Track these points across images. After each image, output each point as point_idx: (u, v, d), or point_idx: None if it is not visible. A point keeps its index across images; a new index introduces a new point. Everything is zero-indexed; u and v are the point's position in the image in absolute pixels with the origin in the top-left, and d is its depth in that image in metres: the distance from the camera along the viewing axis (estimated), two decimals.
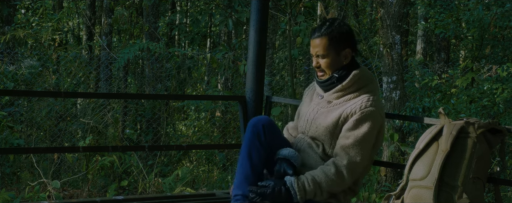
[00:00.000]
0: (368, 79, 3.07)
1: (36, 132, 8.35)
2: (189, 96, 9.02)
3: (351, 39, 3.07)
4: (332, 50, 3.03)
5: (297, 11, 9.36)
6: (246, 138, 3.03)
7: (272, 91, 9.51)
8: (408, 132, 6.97)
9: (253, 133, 3.01)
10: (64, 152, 7.36)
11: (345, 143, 2.96)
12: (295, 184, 2.92)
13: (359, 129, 2.95)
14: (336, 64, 3.05)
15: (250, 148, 3.00)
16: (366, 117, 2.95)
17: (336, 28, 3.03)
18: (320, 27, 3.06)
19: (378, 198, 5.83)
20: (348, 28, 3.07)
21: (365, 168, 3.06)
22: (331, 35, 3.02)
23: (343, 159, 2.95)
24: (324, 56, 3.04)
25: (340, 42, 3.03)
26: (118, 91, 9.80)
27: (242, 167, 3.00)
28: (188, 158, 8.89)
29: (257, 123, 3.03)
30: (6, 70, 8.46)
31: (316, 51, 3.05)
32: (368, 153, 2.98)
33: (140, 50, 8.95)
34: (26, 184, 6.91)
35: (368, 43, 11.02)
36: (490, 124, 2.91)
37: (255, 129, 3.01)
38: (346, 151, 2.95)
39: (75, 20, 14.08)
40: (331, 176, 2.93)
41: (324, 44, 3.02)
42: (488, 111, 6.41)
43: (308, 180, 2.94)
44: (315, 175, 2.95)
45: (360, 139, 2.94)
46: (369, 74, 3.09)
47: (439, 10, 7.63)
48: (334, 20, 3.09)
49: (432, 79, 7.28)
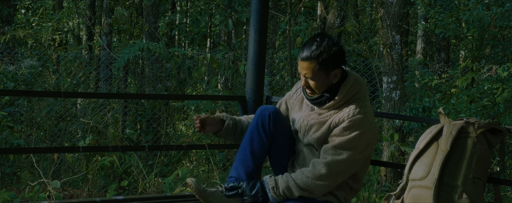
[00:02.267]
0: (357, 87, 3.00)
1: (36, 132, 8.35)
2: (189, 96, 9.01)
3: (341, 58, 2.95)
4: (321, 73, 2.93)
5: (297, 11, 9.36)
6: (251, 124, 3.13)
7: (272, 91, 9.51)
8: (408, 132, 6.97)
9: (258, 120, 3.10)
10: (64, 152, 7.36)
11: (328, 146, 2.96)
12: (268, 180, 3.00)
13: (345, 135, 2.93)
14: (326, 85, 2.97)
15: (253, 134, 3.09)
16: (354, 124, 2.93)
17: (325, 50, 2.90)
18: (308, 48, 2.93)
19: (378, 198, 5.83)
20: (337, 48, 2.93)
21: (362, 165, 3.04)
22: (320, 59, 2.90)
23: (323, 157, 2.96)
24: (313, 79, 2.95)
25: (329, 65, 2.92)
26: (118, 91, 9.80)
27: (242, 151, 3.10)
28: (188, 158, 8.89)
29: (264, 110, 3.12)
30: (6, 70, 8.46)
31: (304, 73, 2.95)
32: (354, 158, 2.95)
33: (140, 50, 8.95)
34: (26, 184, 6.91)
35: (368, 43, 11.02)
36: (490, 124, 2.91)
37: (261, 116, 3.10)
38: (328, 150, 2.95)
39: (75, 20, 14.08)
40: (306, 173, 2.95)
41: (312, 68, 2.92)
42: (488, 111, 6.41)
43: (282, 176, 3.00)
44: (291, 173, 3.01)
45: (345, 142, 2.93)
46: (358, 81, 3.02)
47: (439, 10, 7.63)
48: (322, 39, 2.94)
49: (432, 79, 7.28)
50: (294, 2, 8.39)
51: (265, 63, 3.97)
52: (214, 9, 10.89)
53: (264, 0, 3.89)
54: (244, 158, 3.08)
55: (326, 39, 2.94)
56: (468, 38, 8.26)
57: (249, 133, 3.11)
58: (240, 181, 3.04)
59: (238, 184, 3.03)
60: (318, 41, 2.93)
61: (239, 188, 3.02)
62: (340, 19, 9.56)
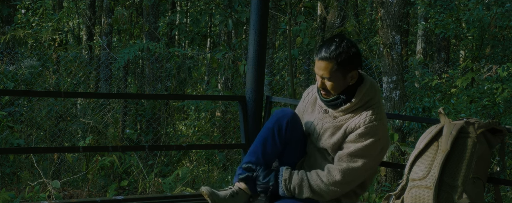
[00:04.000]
0: (373, 92, 2.99)
1: (36, 132, 8.35)
2: (189, 96, 9.01)
3: (358, 60, 2.94)
4: (338, 74, 2.91)
5: (297, 11, 9.36)
6: (266, 127, 3.04)
7: (272, 91, 9.51)
8: (408, 132, 6.97)
9: (275, 125, 3.02)
10: (64, 152, 7.36)
11: (343, 153, 2.96)
12: (284, 171, 2.97)
13: (361, 142, 2.93)
14: (342, 86, 2.95)
15: (267, 137, 3.01)
16: (369, 131, 2.92)
17: (344, 51, 2.88)
18: (327, 48, 2.91)
19: (378, 198, 5.83)
20: (355, 50, 2.92)
21: (369, 176, 3.05)
22: (339, 59, 2.88)
23: (339, 164, 2.95)
24: (330, 80, 2.93)
25: (347, 66, 2.90)
26: (118, 91, 9.80)
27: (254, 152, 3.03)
28: (188, 158, 8.89)
29: (282, 117, 3.03)
30: (6, 70, 8.46)
31: (321, 73, 2.92)
32: (368, 165, 2.95)
33: (140, 50, 8.95)
34: (26, 184, 6.91)
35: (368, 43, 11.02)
36: (490, 124, 2.90)
37: (279, 122, 3.02)
38: (344, 158, 2.95)
39: (75, 20, 14.08)
40: (322, 177, 2.94)
41: (330, 68, 2.89)
42: (488, 111, 6.41)
43: (298, 173, 2.97)
44: (307, 172, 2.99)
45: (360, 149, 2.93)
46: (373, 86, 3.01)
47: (439, 10, 7.63)
48: (341, 40, 2.92)
49: (432, 79, 7.28)
50: (294, 2, 8.39)
51: (265, 63, 3.97)
52: (214, 9, 10.89)
53: (264, 0, 3.89)
54: (256, 161, 3.02)
55: (345, 40, 2.93)
56: (468, 38, 8.27)
57: (263, 134, 3.03)
58: (258, 165, 2.99)
59: (254, 167, 2.99)
60: (337, 42, 2.91)
61: (254, 171, 2.99)
62: (340, 19, 9.55)
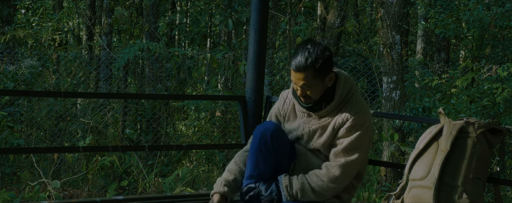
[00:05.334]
0: (349, 83, 3.02)
1: (36, 132, 8.35)
2: (189, 96, 9.01)
3: (332, 61, 2.96)
4: (317, 81, 2.94)
5: (297, 11, 9.36)
6: (253, 147, 3.03)
7: (272, 91, 9.51)
8: (408, 132, 6.97)
9: (261, 141, 3.01)
10: (64, 152, 7.36)
11: (338, 149, 2.99)
12: (283, 178, 2.98)
13: (352, 135, 2.97)
14: (322, 90, 2.98)
15: (257, 156, 3.01)
16: (357, 123, 2.96)
17: (319, 57, 2.89)
18: (302, 57, 2.90)
19: (378, 198, 5.83)
20: (329, 53, 2.94)
21: (362, 166, 3.08)
22: (316, 66, 2.90)
23: (336, 161, 2.98)
24: (310, 88, 2.95)
25: (325, 71, 2.93)
26: (118, 91, 9.79)
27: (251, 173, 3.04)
28: (188, 158, 8.89)
29: (264, 131, 3.02)
30: (6, 70, 8.46)
31: (301, 84, 2.93)
32: (363, 154, 3.00)
33: (140, 50, 8.94)
34: (26, 184, 6.91)
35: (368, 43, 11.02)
36: (490, 124, 2.90)
37: (263, 138, 3.01)
38: (339, 154, 2.98)
39: (75, 20, 14.08)
40: (321, 176, 2.96)
41: (309, 77, 2.92)
42: (488, 111, 6.41)
43: (297, 177, 2.99)
44: (305, 174, 3.00)
45: (354, 142, 2.96)
46: (346, 77, 3.04)
47: (439, 10, 7.63)
48: (313, 46, 2.91)
49: (432, 79, 7.28)
50: (294, 2, 8.38)
51: (265, 63, 3.98)
52: (214, 9, 10.89)
53: (264, 0, 3.89)
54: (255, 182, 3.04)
55: (316, 45, 2.92)
56: (468, 38, 8.27)
57: (253, 155, 3.03)
58: (256, 182, 3.02)
59: (254, 185, 3.02)
60: (309, 49, 2.91)
61: (255, 188, 3.02)
62: (340, 19, 9.55)
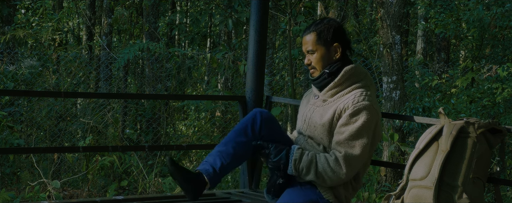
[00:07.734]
0: (361, 75, 3.08)
1: (36, 132, 8.35)
2: (189, 96, 9.01)
3: (340, 34, 3.10)
4: (321, 45, 3.07)
5: (297, 11, 9.36)
6: (242, 122, 3.11)
7: (272, 91, 9.51)
8: (408, 132, 6.97)
9: (249, 121, 3.09)
10: (64, 152, 7.36)
11: (340, 138, 2.97)
12: (295, 151, 2.99)
13: (353, 123, 2.95)
14: (326, 59, 3.08)
15: (239, 134, 3.06)
16: (359, 111, 2.95)
17: (324, 24, 3.09)
18: (309, 25, 3.13)
19: (378, 198, 5.83)
20: (336, 25, 3.11)
21: (364, 164, 3.06)
22: (319, 30, 3.07)
23: (339, 151, 2.96)
24: (314, 52, 3.09)
25: (329, 37, 3.07)
26: (118, 91, 9.80)
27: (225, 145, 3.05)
28: (188, 158, 8.89)
29: (257, 114, 3.11)
30: (6, 70, 8.46)
31: (306, 47, 3.11)
32: (366, 148, 2.96)
33: (140, 50, 8.95)
34: (26, 184, 6.91)
35: (368, 43, 11.02)
36: (490, 124, 2.90)
37: (254, 119, 3.09)
38: (341, 145, 2.96)
39: (75, 20, 14.08)
40: (330, 163, 2.95)
41: (313, 39, 3.08)
42: (488, 111, 6.41)
43: (308, 154, 2.99)
44: (317, 154, 3.00)
45: (354, 133, 2.94)
46: (362, 70, 3.11)
47: (439, 10, 7.63)
48: (324, 18, 3.18)
49: (432, 79, 7.28)
50: (294, 2, 8.39)
51: (265, 63, 3.98)
52: (214, 9, 10.90)
53: (264, 0, 3.89)
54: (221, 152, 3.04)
55: (326, 18, 3.17)
56: (468, 38, 8.27)
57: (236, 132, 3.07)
58: (269, 143, 3.03)
59: (267, 145, 3.02)
60: (319, 19, 3.15)
61: (267, 148, 3.02)
62: (340, 19, 9.56)
